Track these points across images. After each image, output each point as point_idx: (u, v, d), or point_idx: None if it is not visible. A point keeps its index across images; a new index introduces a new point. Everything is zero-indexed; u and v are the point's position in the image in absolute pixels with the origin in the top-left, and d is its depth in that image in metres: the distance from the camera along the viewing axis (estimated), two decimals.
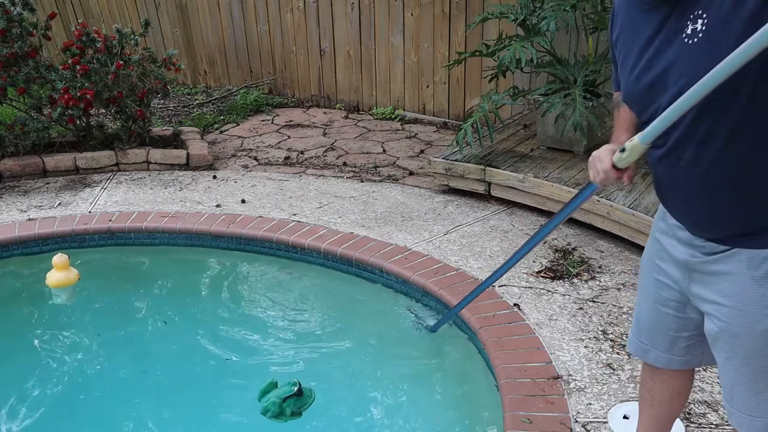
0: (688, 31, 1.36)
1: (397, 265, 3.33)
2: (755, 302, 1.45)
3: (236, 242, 3.77)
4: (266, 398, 2.55)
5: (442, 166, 4.21)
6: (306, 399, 2.57)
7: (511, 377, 2.50)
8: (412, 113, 5.92)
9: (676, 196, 1.57)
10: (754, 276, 1.45)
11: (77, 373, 2.95)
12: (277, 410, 2.50)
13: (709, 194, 1.46)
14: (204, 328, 3.20)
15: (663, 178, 1.57)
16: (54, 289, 3.48)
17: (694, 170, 1.45)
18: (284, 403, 2.51)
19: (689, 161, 1.45)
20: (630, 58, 1.52)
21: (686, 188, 1.51)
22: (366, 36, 5.90)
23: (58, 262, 3.47)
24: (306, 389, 2.59)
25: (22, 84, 4.62)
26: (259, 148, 5.33)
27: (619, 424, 2.28)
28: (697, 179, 1.46)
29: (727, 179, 1.42)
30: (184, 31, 6.89)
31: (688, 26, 1.36)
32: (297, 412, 2.53)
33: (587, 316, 2.92)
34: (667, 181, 1.56)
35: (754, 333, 1.47)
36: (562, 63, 4.06)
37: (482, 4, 5.15)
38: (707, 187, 1.45)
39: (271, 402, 2.51)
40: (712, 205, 1.47)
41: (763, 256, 1.43)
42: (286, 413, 2.51)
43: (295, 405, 2.53)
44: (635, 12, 1.50)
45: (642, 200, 3.46)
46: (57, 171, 4.74)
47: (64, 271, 3.49)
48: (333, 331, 3.18)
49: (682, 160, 1.46)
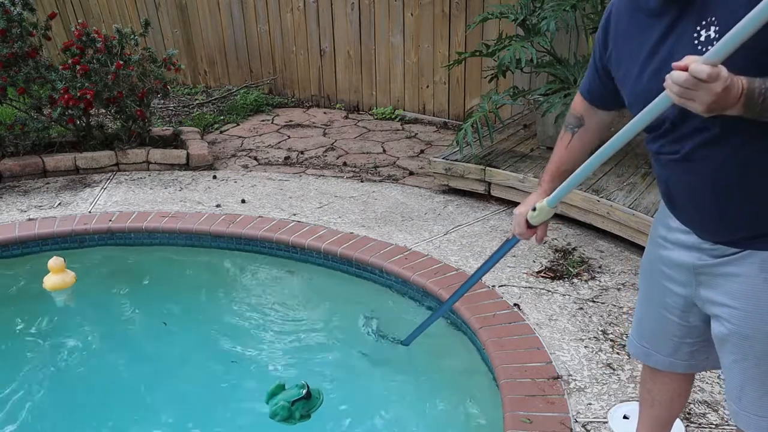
0: (701, 38, 1.34)
1: (397, 265, 3.33)
2: (767, 303, 1.45)
3: (236, 242, 3.77)
4: (274, 401, 2.52)
5: (442, 166, 4.21)
6: (315, 401, 2.54)
7: (511, 377, 2.50)
8: (412, 113, 5.93)
9: (685, 200, 1.55)
10: (766, 278, 1.44)
11: (77, 374, 2.94)
12: (287, 414, 2.47)
13: (721, 198, 1.45)
14: (204, 329, 3.20)
15: (672, 182, 1.55)
16: (52, 292, 3.45)
17: (704, 175, 1.44)
18: (293, 407, 2.48)
19: (700, 166, 1.44)
20: (636, 63, 1.50)
21: (696, 192, 1.49)
22: (366, 36, 5.90)
23: (53, 265, 3.43)
24: (314, 391, 2.56)
25: (22, 84, 4.62)
26: (259, 148, 5.33)
27: (619, 424, 2.28)
28: (709, 183, 1.44)
29: (739, 182, 1.41)
30: (184, 31, 6.89)
31: (701, 33, 1.34)
32: (306, 415, 2.50)
33: (587, 316, 2.92)
34: (676, 186, 1.54)
35: (764, 335, 1.47)
36: (562, 63, 4.06)
37: (482, 4, 5.15)
38: (718, 190, 1.44)
39: (280, 406, 2.48)
40: (723, 208, 1.46)
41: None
42: (295, 417, 2.48)
43: (304, 408, 2.50)
44: (642, 18, 1.48)
45: (642, 200, 3.46)
46: (57, 171, 4.74)
47: (60, 273, 3.46)
48: (333, 331, 3.18)
49: (692, 165, 1.45)
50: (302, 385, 2.54)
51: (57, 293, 3.46)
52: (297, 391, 2.53)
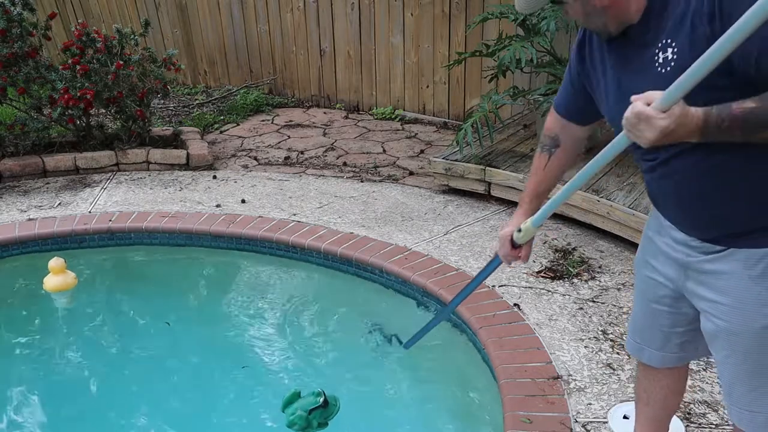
0: (660, 60, 1.39)
1: (397, 265, 3.33)
2: (752, 300, 1.47)
3: (236, 242, 3.77)
4: (291, 410, 2.47)
5: (442, 166, 4.21)
6: (332, 408, 2.49)
7: (511, 377, 2.50)
8: (412, 113, 5.93)
9: (666, 202, 1.61)
10: (750, 275, 1.47)
11: (78, 376, 2.93)
12: (304, 423, 2.43)
13: (701, 201, 1.49)
14: (204, 330, 3.20)
15: (654, 185, 1.61)
16: (52, 293, 3.43)
17: (678, 181, 1.50)
18: (310, 416, 2.44)
19: (674, 172, 1.50)
20: (610, 87, 1.56)
21: (674, 196, 1.55)
22: (366, 36, 5.90)
23: (54, 266, 3.40)
24: (331, 398, 2.50)
25: (22, 84, 4.62)
26: (259, 148, 5.34)
27: (619, 424, 2.28)
28: (688, 186, 1.50)
29: (717, 186, 1.45)
30: (184, 31, 6.89)
31: (659, 55, 1.39)
32: (324, 423, 2.47)
33: (587, 316, 2.92)
34: (659, 188, 1.60)
35: (751, 330, 1.49)
36: (562, 63, 4.06)
37: (482, 4, 5.15)
38: (698, 193, 1.49)
39: (298, 416, 2.44)
40: (703, 210, 1.50)
41: (759, 255, 1.45)
42: (313, 426, 2.44)
43: (322, 416, 2.46)
44: (605, 44, 1.56)
45: (642, 200, 3.46)
46: (57, 171, 4.74)
47: (61, 275, 3.42)
48: (333, 331, 3.18)
49: (672, 169, 1.50)
50: (319, 393, 2.49)
51: (58, 294, 3.44)
52: (314, 399, 2.47)
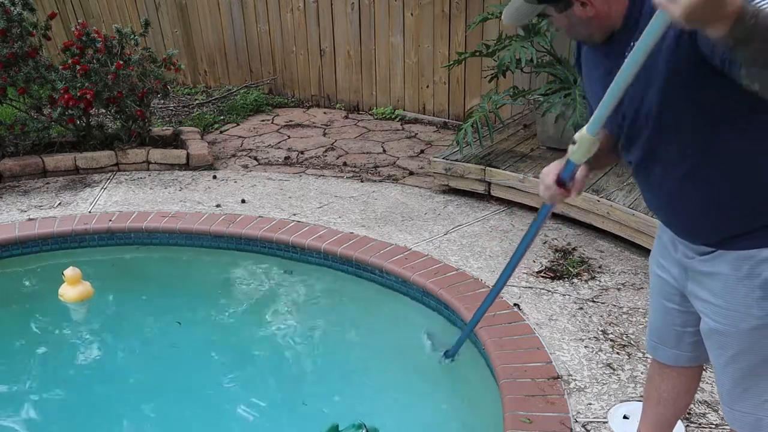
0: None
1: (397, 265, 3.33)
2: (739, 301, 1.50)
3: (236, 242, 3.77)
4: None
5: (442, 166, 4.21)
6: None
7: (511, 377, 2.50)
8: (412, 113, 5.92)
9: (652, 204, 1.67)
10: (738, 276, 1.50)
11: (76, 376, 2.94)
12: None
13: (679, 208, 1.54)
14: (204, 331, 3.20)
15: (641, 187, 1.67)
16: (70, 303, 3.35)
17: (661, 187, 1.55)
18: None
19: (655, 179, 1.55)
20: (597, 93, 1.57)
21: (659, 199, 1.60)
22: (366, 36, 5.90)
23: (71, 276, 3.31)
24: (372, 429, 2.34)
25: (22, 84, 4.62)
26: (259, 148, 5.33)
27: (619, 424, 2.28)
28: (666, 195, 1.55)
29: (690, 195, 1.50)
30: (184, 31, 6.89)
31: None
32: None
33: (587, 316, 2.92)
34: (645, 190, 1.65)
35: (739, 332, 1.52)
36: (562, 63, 4.06)
37: (482, 4, 5.14)
38: (676, 201, 1.54)
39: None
40: (685, 217, 1.56)
41: (744, 257, 1.48)
42: None
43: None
44: (588, 50, 1.62)
45: (642, 200, 3.45)
46: (57, 171, 4.74)
47: (79, 285, 3.35)
48: (333, 332, 3.18)
49: (651, 176, 1.56)
50: (359, 425, 2.33)
51: (77, 305, 3.35)
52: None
